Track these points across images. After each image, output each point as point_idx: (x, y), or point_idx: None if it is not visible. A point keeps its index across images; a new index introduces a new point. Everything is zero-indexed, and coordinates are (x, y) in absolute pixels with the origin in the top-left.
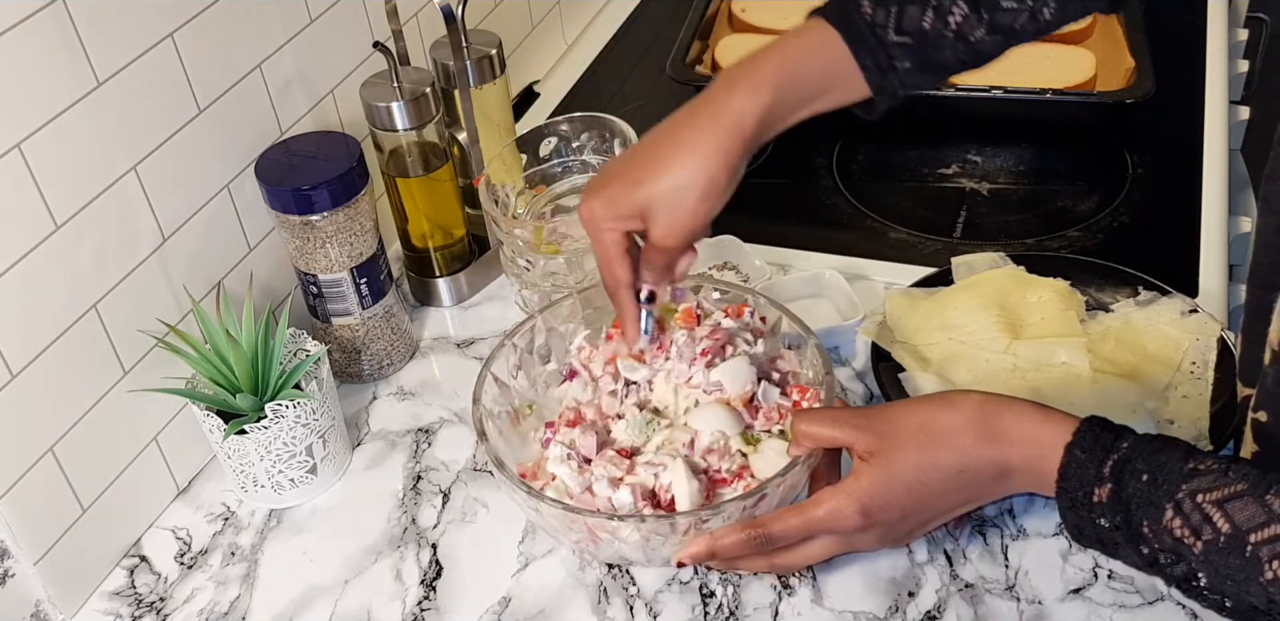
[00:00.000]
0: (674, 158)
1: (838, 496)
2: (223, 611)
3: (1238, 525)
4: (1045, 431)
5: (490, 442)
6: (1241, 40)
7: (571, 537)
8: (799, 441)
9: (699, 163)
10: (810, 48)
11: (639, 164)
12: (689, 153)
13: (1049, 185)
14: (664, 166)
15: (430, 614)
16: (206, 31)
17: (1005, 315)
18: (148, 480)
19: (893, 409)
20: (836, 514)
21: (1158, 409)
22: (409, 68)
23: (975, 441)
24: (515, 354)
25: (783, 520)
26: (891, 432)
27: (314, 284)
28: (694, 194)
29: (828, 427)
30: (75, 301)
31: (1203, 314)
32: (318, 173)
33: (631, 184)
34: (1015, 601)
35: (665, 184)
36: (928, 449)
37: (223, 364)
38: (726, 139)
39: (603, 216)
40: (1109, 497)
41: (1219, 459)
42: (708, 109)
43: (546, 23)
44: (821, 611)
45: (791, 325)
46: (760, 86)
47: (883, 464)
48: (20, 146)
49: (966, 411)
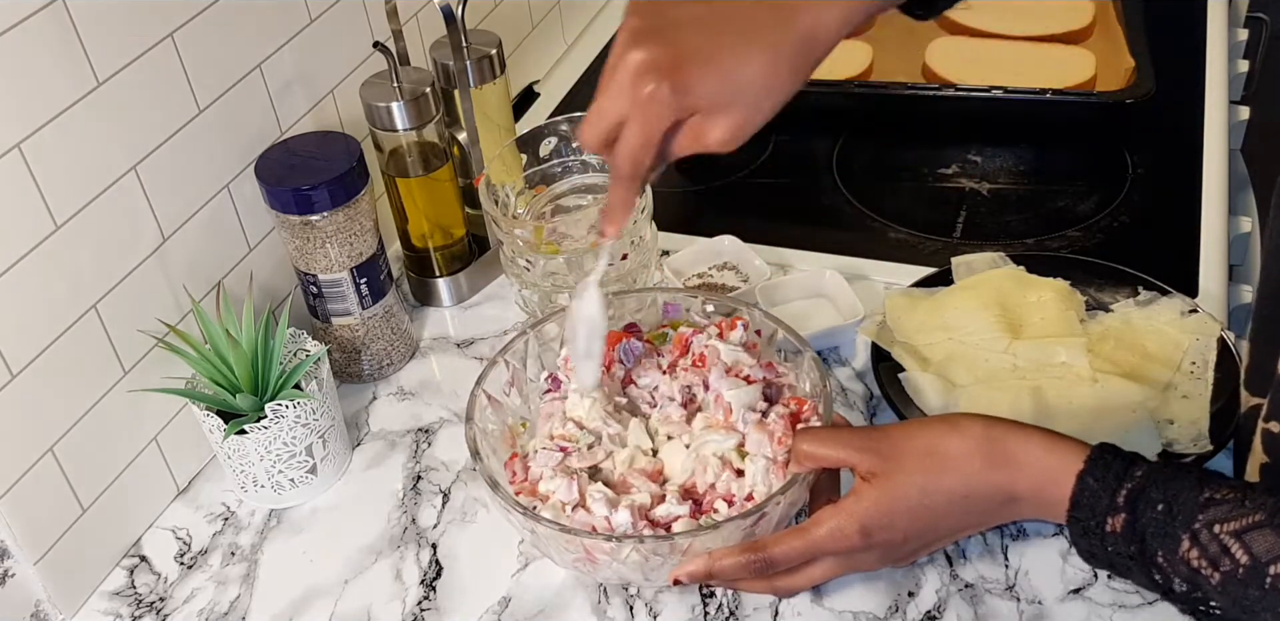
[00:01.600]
0: (768, 61)
1: (839, 516)
2: (223, 611)
3: (1256, 556)
4: (1053, 458)
5: (484, 462)
6: (1241, 40)
7: (569, 558)
8: (800, 461)
9: (793, 76)
10: None
11: (727, 46)
12: (786, 62)
13: (1049, 185)
14: (758, 69)
15: (430, 614)
16: (206, 31)
17: (1005, 315)
18: (148, 480)
19: (897, 430)
20: (837, 533)
21: (1158, 409)
22: (409, 68)
23: (982, 467)
24: (508, 370)
25: (784, 542)
26: (896, 454)
27: (314, 284)
28: (772, 107)
29: (830, 448)
30: (75, 301)
31: (1203, 314)
32: (318, 173)
33: (719, 75)
34: (1015, 601)
35: (755, 90)
36: (933, 472)
37: (223, 364)
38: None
39: (670, 108)
40: (1123, 527)
41: (1234, 487)
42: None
43: (546, 23)
44: (821, 611)
45: (788, 336)
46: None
47: (886, 485)
48: (20, 146)
49: (973, 436)
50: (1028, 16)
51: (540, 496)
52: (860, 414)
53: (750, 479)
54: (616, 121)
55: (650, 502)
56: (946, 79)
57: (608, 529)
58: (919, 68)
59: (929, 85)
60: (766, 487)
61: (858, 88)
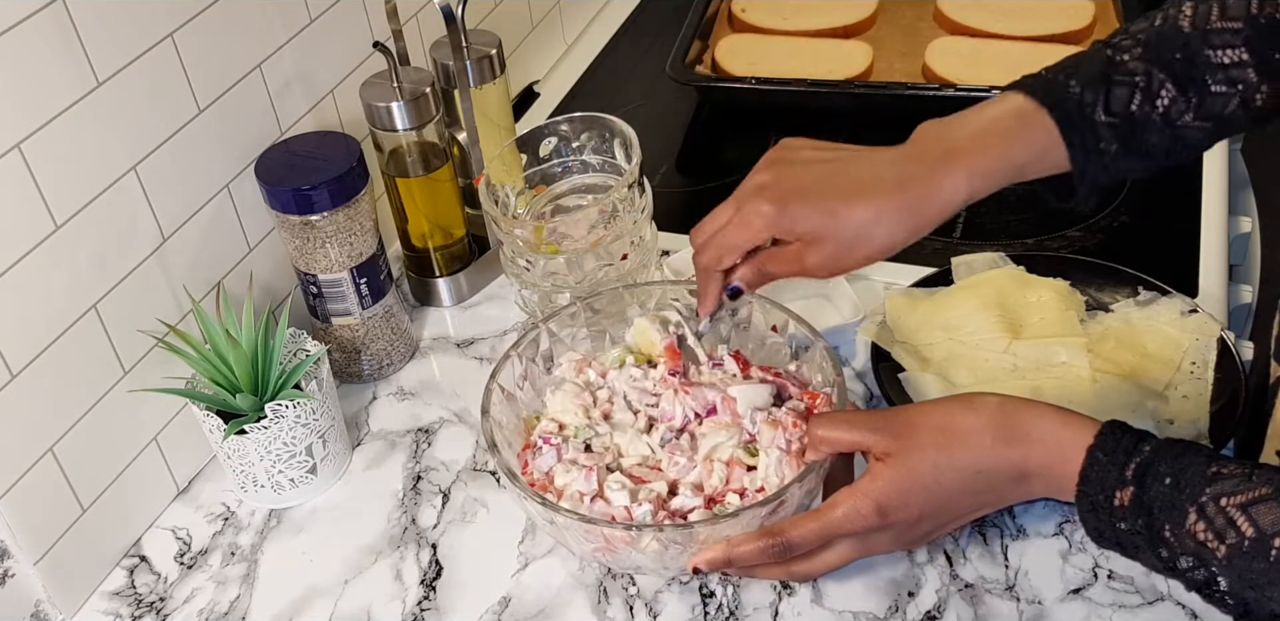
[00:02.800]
0: (873, 210)
1: (854, 496)
2: (223, 611)
3: (1262, 529)
4: (1066, 433)
5: (502, 455)
6: None
7: (588, 547)
8: (816, 446)
9: (894, 229)
10: (1020, 128)
11: (839, 192)
12: (891, 216)
13: None
14: (860, 215)
15: (430, 614)
16: (206, 31)
17: (1005, 315)
18: (148, 480)
19: (910, 410)
20: (853, 513)
21: (1158, 409)
22: (409, 68)
23: (994, 442)
24: (521, 364)
25: (800, 525)
26: (909, 433)
27: (314, 284)
28: (871, 251)
29: (844, 431)
30: (75, 301)
31: (1203, 314)
32: (318, 173)
33: (822, 211)
34: (1015, 601)
35: (853, 230)
36: (945, 449)
37: (223, 364)
38: (930, 218)
39: (769, 222)
40: (1130, 501)
41: (1241, 463)
42: (925, 182)
43: (546, 23)
44: (821, 611)
45: (799, 328)
46: (978, 174)
47: (899, 463)
48: (20, 146)
49: (986, 412)
50: (1028, 16)
51: (555, 490)
52: None
53: (763, 472)
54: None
55: (665, 494)
56: (946, 79)
57: (627, 518)
58: (919, 68)
59: (929, 85)
60: (779, 480)
61: (858, 88)
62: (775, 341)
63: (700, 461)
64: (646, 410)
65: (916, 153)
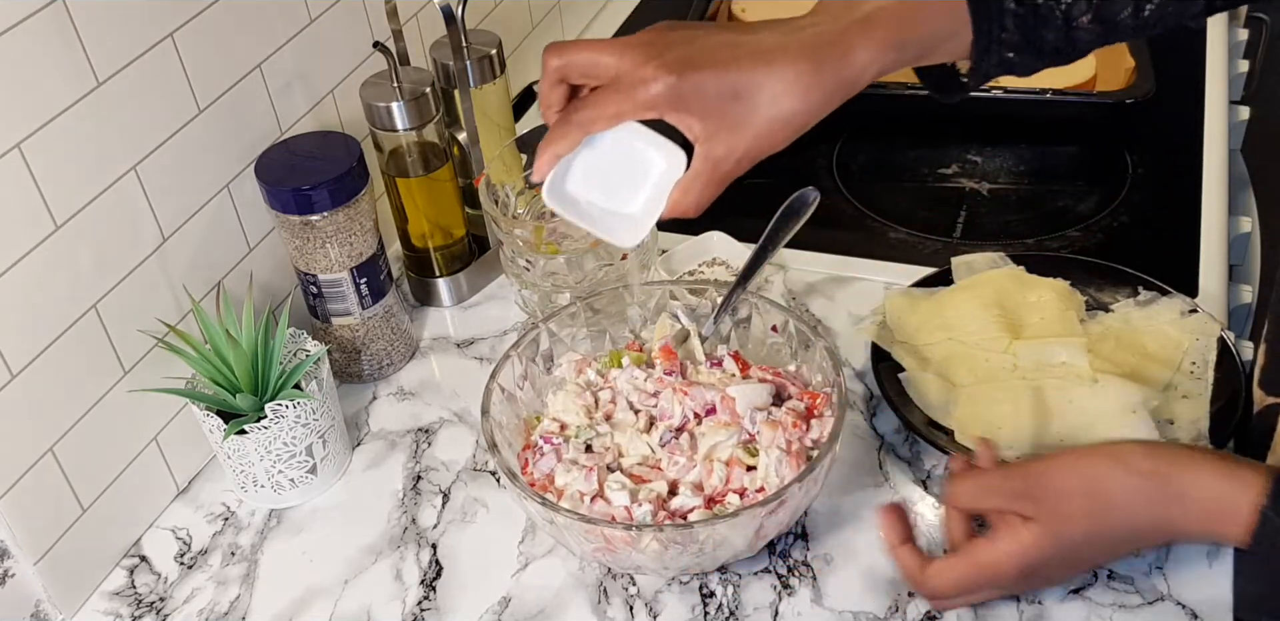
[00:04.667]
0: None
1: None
2: (223, 611)
3: None
4: (1225, 488)
5: (502, 455)
6: (1241, 40)
7: (588, 547)
8: (954, 507)
9: (805, 106)
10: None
11: (743, 66)
12: (801, 91)
13: (1049, 185)
14: (769, 90)
15: (430, 614)
16: (206, 31)
17: (1005, 315)
18: (148, 480)
19: (1050, 468)
20: (995, 573)
21: (1158, 409)
22: (409, 68)
23: (1149, 503)
24: (521, 364)
25: (941, 576)
26: (1055, 496)
27: (314, 284)
28: (785, 132)
29: (983, 498)
30: (75, 301)
31: (1203, 314)
32: (317, 173)
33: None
34: (1015, 601)
35: (766, 110)
36: (1098, 517)
37: (223, 364)
38: (840, 92)
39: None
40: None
41: None
42: (834, 53)
43: (546, 23)
44: (821, 611)
45: (799, 327)
46: (888, 46)
47: (1051, 533)
48: (20, 146)
49: (1137, 471)
50: None
51: (555, 490)
52: (860, 414)
53: (763, 472)
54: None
55: (665, 493)
56: None
57: (627, 518)
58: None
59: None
60: (779, 480)
61: None
62: (775, 341)
63: (700, 461)
64: (647, 409)
65: (825, 20)
